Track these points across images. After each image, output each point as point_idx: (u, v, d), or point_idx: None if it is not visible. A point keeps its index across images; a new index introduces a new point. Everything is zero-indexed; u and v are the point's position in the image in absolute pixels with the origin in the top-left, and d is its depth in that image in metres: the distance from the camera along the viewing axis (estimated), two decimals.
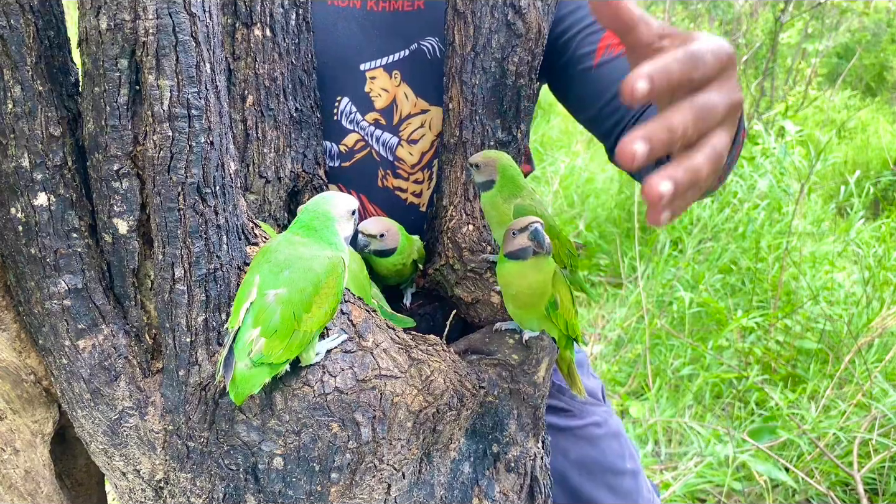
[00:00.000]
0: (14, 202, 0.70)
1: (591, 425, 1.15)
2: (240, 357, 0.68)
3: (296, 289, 0.70)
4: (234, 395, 0.68)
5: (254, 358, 0.68)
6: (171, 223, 0.69)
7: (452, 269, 1.02)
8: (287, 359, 0.70)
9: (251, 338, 0.68)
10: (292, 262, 0.71)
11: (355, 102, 1.04)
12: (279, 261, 0.71)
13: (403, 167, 1.06)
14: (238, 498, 0.78)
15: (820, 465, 2.29)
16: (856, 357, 2.58)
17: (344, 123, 1.06)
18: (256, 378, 0.69)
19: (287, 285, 0.69)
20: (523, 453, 0.89)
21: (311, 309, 0.70)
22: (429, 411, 0.79)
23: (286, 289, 0.69)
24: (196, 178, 0.69)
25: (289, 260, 0.71)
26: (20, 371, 0.77)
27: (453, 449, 0.84)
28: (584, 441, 1.15)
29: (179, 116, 0.67)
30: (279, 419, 0.74)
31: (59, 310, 0.73)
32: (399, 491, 0.80)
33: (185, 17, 0.65)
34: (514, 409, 0.87)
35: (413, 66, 1.01)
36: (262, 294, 0.69)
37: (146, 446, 0.78)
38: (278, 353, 0.69)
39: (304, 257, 0.71)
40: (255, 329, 0.68)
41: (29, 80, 0.67)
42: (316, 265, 0.71)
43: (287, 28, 0.96)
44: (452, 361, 0.83)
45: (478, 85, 1.00)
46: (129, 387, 0.76)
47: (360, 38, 1.01)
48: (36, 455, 0.78)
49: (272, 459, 0.76)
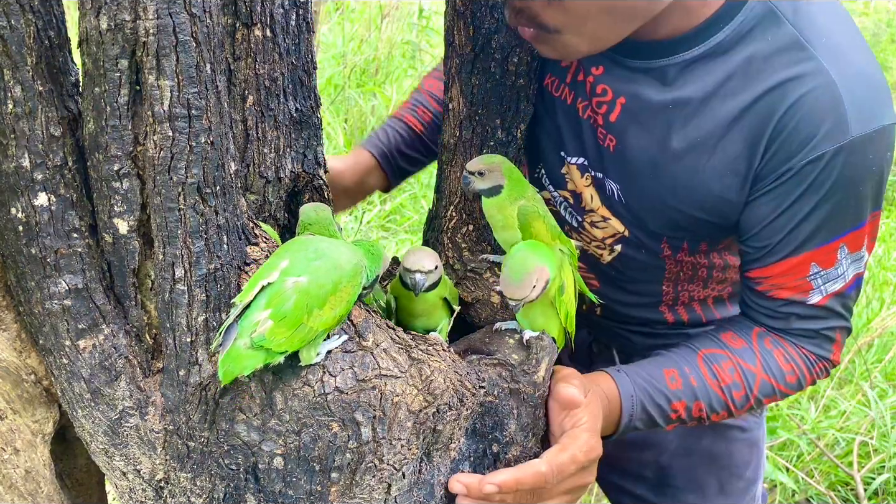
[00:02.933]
0: (14, 202, 0.70)
1: (735, 428, 1.20)
2: (242, 334, 0.68)
3: (316, 282, 0.70)
4: (222, 372, 0.68)
5: (255, 339, 0.68)
6: (172, 223, 0.69)
7: (452, 269, 1.02)
8: (286, 350, 0.70)
9: (259, 318, 0.68)
10: (325, 254, 0.73)
11: (550, 176, 1.08)
12: (317, 249, 0.73)
13: (586, 237, 1.09)
14: (238, 498, 0.78)
15: (820, 466, 2.29)
16: (856, 357, 2.58)
17: (541, 181, 1.10)
18: (250, 361, 0.68)
19: (310, 274, 0.70)
20: (523, 453, 0.89)
21: (324, 307, 0.71)
22: (429, 411, 0.79)
23: (308, 278, 0.70)
24: (196, 178, 0.69)
25: (324, 251, 0.73)
26: (20, 371, 0.77)
27: (453, 449, 0.84)
28: (722, 438, 1.20)
29: (180, 116, 0.67)
30: (279, 419, 0.74)
31: (60, 310, 0.73)
32: (399, 491, 0.80)
33: (185, 17, 0.65)
34: (514, 409, 0.87)
35: (600, 186, 1.02)
36: (283, 278, 0.69)
37: (146, 446, 0.78)
38: (280, 341, 0.69)
39: (338, 254, 0.74)
40: (265, 311, 0.68)
41: (29, 80, 0.67)
42: (344, 263, 0.73)
43: (287, 28, 0.96)
44: (452, 361, 0.83)
45: (478, 85, 1.00)
46: (129, 387, 0.76)
47: (564, 131, 1.03)
48: (36, 455, 0.78)
49: (272, 459, 0.76)
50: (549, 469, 0.83)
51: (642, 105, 0.92)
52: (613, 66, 0.93)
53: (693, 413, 0.97)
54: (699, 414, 0.97)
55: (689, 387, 0.96)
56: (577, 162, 1.02)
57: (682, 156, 0.90)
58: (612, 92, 0.94)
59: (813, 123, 0.82)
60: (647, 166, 0.93)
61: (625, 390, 0.95)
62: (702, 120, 0.88)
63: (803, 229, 0.89)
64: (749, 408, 0.98)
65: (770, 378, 0.97)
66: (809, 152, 0.83)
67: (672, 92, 0.89)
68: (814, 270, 0.92)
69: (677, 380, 0.97)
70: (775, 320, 0.98)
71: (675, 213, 0.95)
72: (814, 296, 0.93)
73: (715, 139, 0.88)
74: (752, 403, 0.98)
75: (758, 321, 1.00)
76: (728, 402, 0.96)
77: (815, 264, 0.91)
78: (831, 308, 0.95)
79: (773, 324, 0.98)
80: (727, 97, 0.87)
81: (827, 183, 0.85)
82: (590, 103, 0.96)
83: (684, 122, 0.89)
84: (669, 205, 0.94)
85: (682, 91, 0.89)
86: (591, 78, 0.95)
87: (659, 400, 0.96)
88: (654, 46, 0.89)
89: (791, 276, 0.93)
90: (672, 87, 0.89)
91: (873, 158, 0.85)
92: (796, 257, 0.91)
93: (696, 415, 0.97)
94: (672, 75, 0.89)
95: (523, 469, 0.83)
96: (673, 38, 0.88)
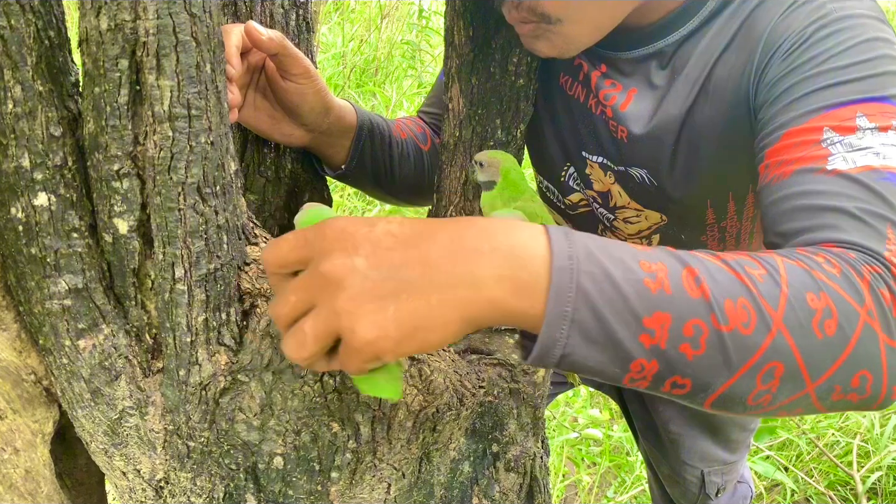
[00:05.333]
0: (14, 202, 0.70)
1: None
2: None
3: None
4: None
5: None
6: (172, 223, 0.69)
7: None
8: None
9: None
10: None
11: (580, 176, 1.07)
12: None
13: (620, 234, 1.08)
14: (238, 497, 0.78)
15: (819, 465, 2.29)
16: None
17: (570, 184, 1.09)
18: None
19: None
20: (523, 453, 0.90)
21: None
22: (428, 411, 0.79)
23: None
24: (196, 177, 0.69)
25: None
26: (20, 371, 0.77)
27: (453, 448, 0.85)
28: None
29: (180, 116, 0.67)
30: (279, 419, 0.74)
31: (60, 309, 0.73)
32: (399, 490, 0.81)
33: (185, 17, 0.65)
34: (514, 408, 0.87)
35: (625, 179, 1.01)
36: None
37: (146, 446, 0.78)
38: None
39: None
40: None
41: (29, 80, 0.67)
42: None
43: (287, 28, 0.96)
44: (452, 361, 0.83)
45: (478, 85, 1.00)
46: (129, 386, 0.76)
47: (582, 130, 1.03)
48: (36, 455, 0.78)
49: (272, 459, 0.76)
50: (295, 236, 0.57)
51: (651, 89, 0.94)
52: (616, 61, 0.95)
53: (685, 288, 0.54)
54: (698, 291, 0.54)
55: (665, 252, 0.57)
56: (598, 161, 1.03)
57: (689, 113, 0.92)
58: (622, 85, 0.95)
59: (794, 20, 0.81)
60: (665, 141, 0.94)
61: (553, 229, 0.56)
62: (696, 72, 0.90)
63: (803, 97, 0.75)
64: (785, 301, 0.55)
65: (799, 262, 0.59)
66: (794, 37, 0.80)
67: (672, 66, 0.92)
68: (827, 134, 0.71)
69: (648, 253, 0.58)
70: (794, 218, 0.68)
71: (709, 164, 0.93)
72: (834, 161, 0.68)
73: (710, 81, 0.89)
74: (787, 293, 0.56)
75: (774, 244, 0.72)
76: (741, 277, 0.56)
77: (828, 128, 0.71)
78: (866, 184, 0.66)
79: (792, 225, 0.68)
80: (717, 41, 0.89)
81: (816, 53, 0.76)
82: (599, 99, 0.97)
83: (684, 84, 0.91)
84: (701, 157, 0.93)
85: (681, 60, 0.91)
86: (598, 73, 0.96)
87: (621, 257, 0.55)
88: (647, 31, 0.92)
89: (801, 146, 0.72)
90: (672, 62, 0.92)
91: (861, 12, 0.79)
92: (801, 124, 0.73)
93: (694, 292, 0.54)
94: (670, 53, 0.92)
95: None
96: (665, 18, 0.91)
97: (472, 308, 0.52)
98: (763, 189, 0.75)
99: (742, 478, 1.54)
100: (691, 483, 1.41)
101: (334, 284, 0.51)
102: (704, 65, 0.89)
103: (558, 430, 2.44)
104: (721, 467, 1.40)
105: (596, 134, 1.01)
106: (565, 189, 1.10)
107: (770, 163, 0.74)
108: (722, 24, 0.89)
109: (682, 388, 0.56)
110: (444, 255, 0.52)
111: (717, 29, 0.89)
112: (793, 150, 0.72)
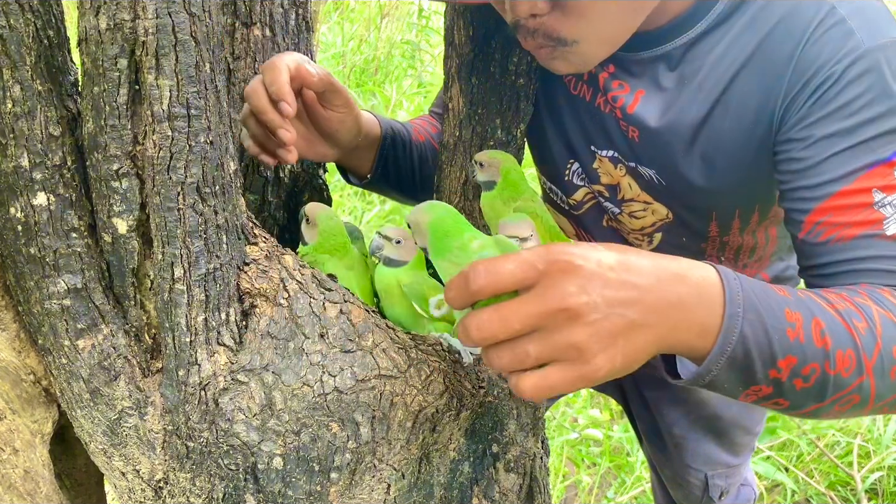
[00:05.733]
0: (13, 202, 0.70)
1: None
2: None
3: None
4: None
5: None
6: (171, 223, 0.69)
7: None
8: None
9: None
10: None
11: (585, 171, 1.07)
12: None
13: (624, 229, 1.09)
14: (238, 498, 0.78)
15: (819, 466, 2.29)
16: None
17: (575, 181, 1.09)
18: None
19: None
20: (523, 453, 0.89)
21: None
22: (428, 411, 0.79)
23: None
24: (196, 177, 0.69)
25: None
26: (19, 371, 0.77)
27: (452, 449, 0.84)
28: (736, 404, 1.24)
29: (179, 116, 0.67)
30: (279, 419, 0.74)
31: (59, 309, 0.73)
32: (398, 491, 0.80)
33: (184, 16, 0.65)
34: (513, 409, 0.87)
35: (635, 174, 1.02)
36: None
37: (146, 446, 0.78)
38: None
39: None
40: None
41: (28, 79, 0.67)
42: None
43: (287, 28, 0.96)
44: (452, 361, 0.83)
45: (478, 85, 1.00)
46: (128, 387, 0.76)
47: (590, 126, 1.03)
48: (35, 455, 0.78)
49: (272, 459, 0.76)
50: (529, 254, 0.58)
51: (658, 91, 0.93)
52: (623, 62, 0.95)
53: (814, 338, 0.65)
54: (822, 342, 0.65)
55: (799, 299, 0.68)
56: (608, 155, 1.03)
57: (704, 123, 0.91)
58: (629, 86, 0.95)
59: (823, 47, 0.81)
60: (675, 146, 0.94)
61: (726, 274, 0.65)
62: (713, 82, 0.90)
63: (846, 151, 0.80)
64: (878, 352, 0.67)
65: (890, 314, 0.70)
66: (825, 73, 0.81)
67: (681, 70, 0.92)
68: (878, 196, 0.78)
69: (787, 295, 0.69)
70: (856, 274, 0.78)
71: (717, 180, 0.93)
72: (889, 226, 0.77)
73: (730, 94, 0.89)
74: (881, 345, 0.67)
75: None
76: (852, 331, 0.67)
77: (876, 190, 0.78)
78: None
79: (857, 279, 0.78)
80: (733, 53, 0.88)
81: (851, 97, 0.80)
82: (607, 98, 0.97)
83: (698, 91, 0.91)
84: (707, 174, 0.93)
85: (691, 65, 0.91)
86: (605, 74, 0.96)
87: (773, 306, 0.66)
88: (654, 34, 0.92)
89: (855, 209, 0.79)
90: (681, 66, 0.92)
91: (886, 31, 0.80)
92: (850, 185, 0.79)
93: (819, 342, 0.65)
94: (678, 56, 0.92)
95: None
96: (673, 21, 0.90)
97: (665, 345, 0.62)
98: (818, 245, 0.82)
99: (746, 480, 1.53)
100: (695, 486, 1.41)
101: (572, 317, 0.56)
102: (721, 76, 0.89)
103: (558, 431, 2.44)
104: (725, 470, 1.40)
105: (606, 131, 1.01)
106: (569, 188, 1.10)
107: (823, 221, 0.81)
108: (736, 34, 0.87)
109: (779, 406, 0.69)
110: (657, 300, 0.60)
111: (731, 39, 0.88)
112: (847, 212, 0.79)
